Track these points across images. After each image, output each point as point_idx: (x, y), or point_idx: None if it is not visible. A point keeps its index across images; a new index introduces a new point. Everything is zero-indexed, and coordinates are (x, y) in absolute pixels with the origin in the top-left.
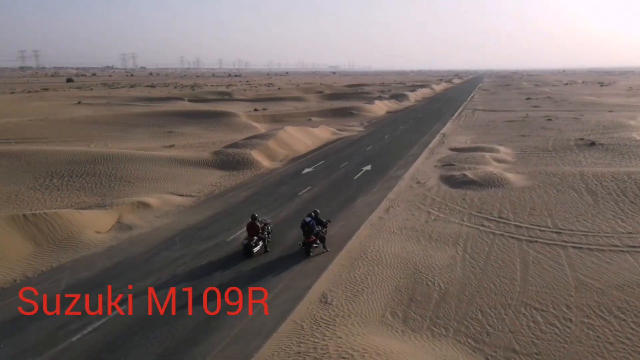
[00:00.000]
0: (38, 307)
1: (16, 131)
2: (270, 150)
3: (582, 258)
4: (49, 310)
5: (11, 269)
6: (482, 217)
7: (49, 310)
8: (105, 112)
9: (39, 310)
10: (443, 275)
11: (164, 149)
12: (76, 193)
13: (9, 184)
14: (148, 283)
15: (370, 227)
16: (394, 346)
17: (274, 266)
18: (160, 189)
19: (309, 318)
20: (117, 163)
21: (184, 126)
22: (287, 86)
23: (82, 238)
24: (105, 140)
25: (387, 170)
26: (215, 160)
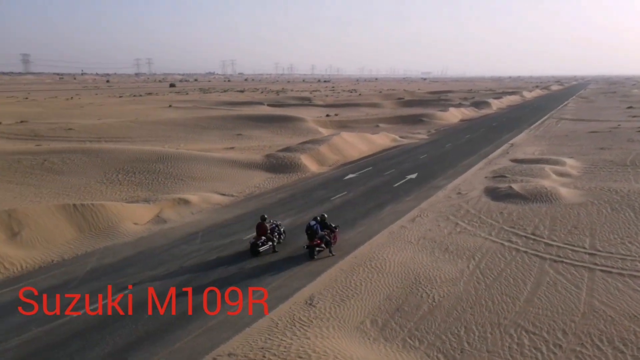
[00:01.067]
0: (57, 287)
1: (108, 131)
2: (320, 155)
3: (607, 283)
4: (67, 289)
5: (53, 250)
6: (512, 233)
7: (67, 289)
8: (187, 115)
9: (58, 288)
10: (442, 289)
11: (222, 151)
12: (133, 188)
13: (82, 177)
14: (155, 273)
15: (387, 236)
16: (358, 352)
17: (276, 266)
18: (206, 187)
19: (287, 317)
20: (175, 162)
21: (253, 129)
22: (369, 92)
23: (120, 228)
24: (179, 141)
25: (432, 179)
26: (265, 162)
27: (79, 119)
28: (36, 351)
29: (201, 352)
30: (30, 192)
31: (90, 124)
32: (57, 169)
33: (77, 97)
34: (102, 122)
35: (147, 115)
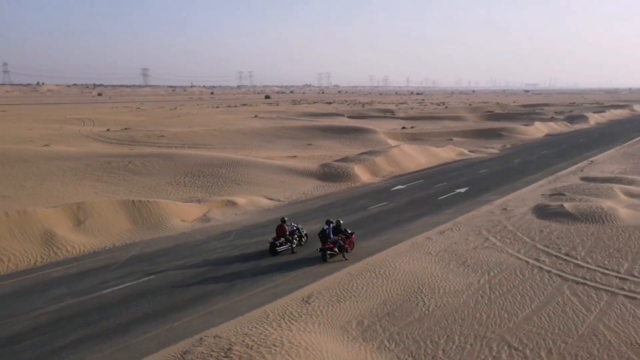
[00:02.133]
0: (99, 268)
1: (193, 138)
2: (375, 165)
3: (624, 309)
4: (107, 271)
5: (109, 238)
6: (544, 252)
7: (107, 271)
8: (267, 125)
9: (100, 270)
10: (441, 299)
11: (285, 159)
12: (194, 189)
13: (155, 178)
14: (181, 263)
15: (409, 246)
16: (331, 347)
17: (288, 265)
18: (258, 192)
19: (279, 310)
20: (237, 168)
21: (323, 140)
22: (458, 105)
23: (167, 223)
24: (251, 149)
25: (483, 194)
26: (319, 171)
27: (173, 127)
28: (64, 317)
29: (192, 332)
30: (110, 189)
31: (180, 131)
32: (137, 170)
33: (180, 108)
34: (190, 130)
35: (232, 124)
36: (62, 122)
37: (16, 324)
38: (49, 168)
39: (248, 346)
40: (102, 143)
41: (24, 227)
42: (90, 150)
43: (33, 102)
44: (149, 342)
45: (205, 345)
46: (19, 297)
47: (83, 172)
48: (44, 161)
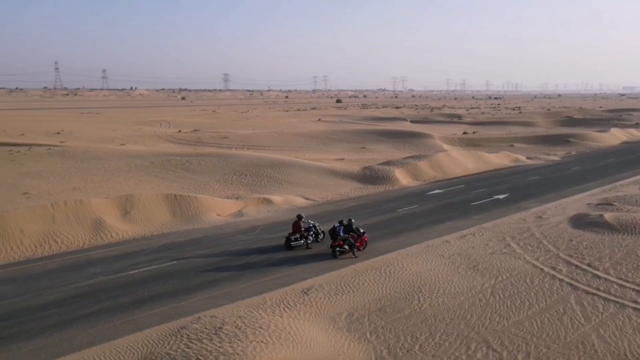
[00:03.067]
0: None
1: (254, 140)
2: (417, 169)
3: (628, 321)
4: (139, 256)
5: (149, 228)
6: (564, 261)
7: (139, 255)
8: (327, 128)
9: (133, 254)
10: (437, 299)
11: (331, 161)
12: (239, 187)
13: (207, 176)
14: (204, 252)
15: (424, 248)
16: (313, 334)
17: (300, 259)
18: (297, 191)
19: (277, 299)
20: (282, 168)
21: (377, 144)
22: (534, 110)
23: (203, 217)
24: (305, 151)
25: (522, 201)
26: (360, 173)
27: (239, 130)
28: (91, 292)
29: (194, 311)
30: (165, 184)
31: (244, 133)
32: (193, 168)
33: (252, 111)
34: (253, 132)
35: (295, 127)
36: (143, 124)
37: (50, 295)
38: (117, 165)
39: (237, 327)
40: (171, 143)
41: (79, 214)
42: (157, 150)
43: (124, 105)
44: (153, 317)
45: (201, 323)
46: (61, 272)
47: (145, 169)
48: (116, 159)
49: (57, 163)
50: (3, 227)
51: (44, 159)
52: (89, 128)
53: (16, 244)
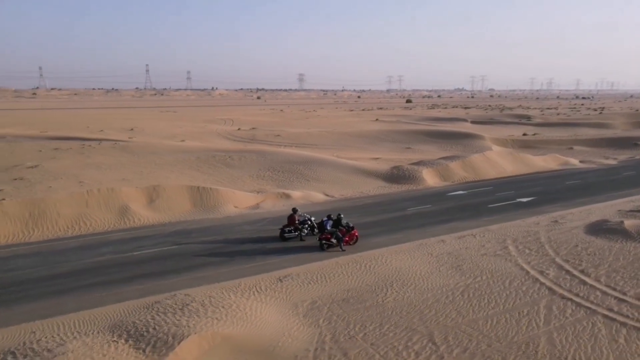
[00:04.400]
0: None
1: (303, 138)
2: (448, 170)
3: (590, 328)
4: (149, 239)
5: (169, 216)
6: (557, 265)
7: (149, 239)
8: (379, 128)
9: (144, 238)
10: (405, 294)
11: (366, 160)
12: (267, 182)
13: (243, 171)
14: (206, 239)
15: (416, 245)
16: (267, 315)
17: (290, 250)
18: (320, 188)
19: (252, 284)
20: (314, 166)
21: (423, 144)
22: (620, 111)
23: (220, 208)
24: (349, 150)
25: (546, 205)
26: (388, 173)
27: (294, 128)
28: (94, 268)
29: (173, 289)
30: (203, 177)
31: (297, 132)
32: (232, 163)
33: (317, 110)
34: (306, 131)
35: (350, 126)
36: (210, 122)
37: (61, 268)
38: (168, 159)
39: (202, 304)
40: (226, 140)
41: (109, 200)
42: (207, 146)
43: (202, 104)
44: (137, 292)
45: (174, 300)
46: (78, 250)
47: (190, 163)
48: (168, 153)
49: (118, 156)
50: (43, 209)
51: (108, 152)
52: (159, 125)
53: (52, 224)
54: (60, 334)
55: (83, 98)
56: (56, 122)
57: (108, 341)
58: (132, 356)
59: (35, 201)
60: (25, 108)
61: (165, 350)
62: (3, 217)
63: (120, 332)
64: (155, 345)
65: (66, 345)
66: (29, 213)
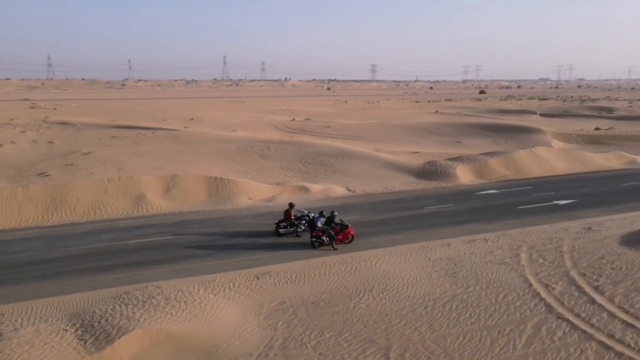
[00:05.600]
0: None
1: (352, 130)
2: (486, 167)
3: (576, 354)
4: (151, 228)
5: (182, 205)
6: (569, 280)
7: (151, 228)
8: (434, 120)
9: (148, 226)
10: (381, 301)
11: (406, 154)
12: (295, 174)
13: (274, 162)
14: (206, 230)
15: (417, 248)
16: (228, 313)
17: (280, 246)
18: (345, 182)
19: (227, 279)
20: (345, 159)
21: (476, 138)
22: None
23: (234, 199)
24: (393, 143)
25: (584, 209)
26: (419, 168)
27: (347, 119)
28: (89, 253)
29: (148, 280)
30: (234, 167)
31: (348, 123)
32: (266, 154)
33: (383, 101)
34: (357, 122)
35: (406, 118)
36: (269, 112)
37: (58, 253)
38: (209, 149)
39: (167, 298)
40: (276, 130)
41: (126, 188)
42: (252, 136)
43: (272, 95)
44: (113, 281)
45: (143, 291)
46: (82, 236)
47: (227, 153)
48: (212, 143)
49: (165, 145)
50: (64, 195)
51: (158, 141)
52: (220, 115)
53: (70, 210)
54: (22, 319)
55: (165, 89)
56: (128, 111)
57: (59, 329)
58: (72, 347)
59: (58, 187)
60: (110, 98)
61: (105, 343)
62: (28, 201)
63: (76, 320)
64: (98, 337)
65: (19, 331)
66: (51, 198)
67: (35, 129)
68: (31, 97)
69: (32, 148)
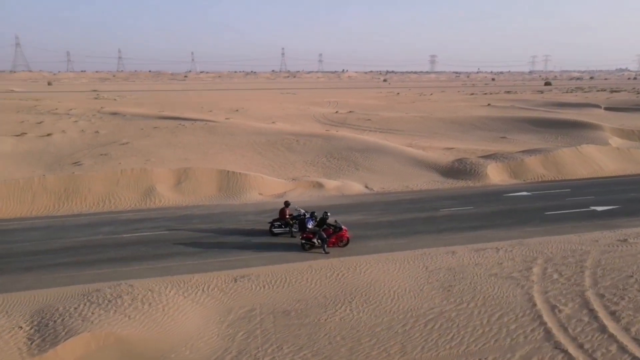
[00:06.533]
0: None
1: (393, 123)
2: (522, 166)
3: None
4: (150, 222)
5: (191, 199)
6: (582, 301)
7: (150, 222)
8: (482, 114)
9: (148, 220)
10: (357, 314)
11: (440, 150)
12: (316, 169)
13: (300, 156)
14: (202, 226)
15: (415, 255)
16: (187, 317)
17: (270, 247)
18: (365, 179)
19: (203, 281)
20: (372, 154)
21: (523, 133)
22: None
23: (243, 194)
24: (432, 137)
25: (628, 217)
26: (448, 166)
27: (390, 112)
28: (82, 246)
29: (126, 278)
30: (258, 160)
31: (389, 116)
32: (294, 147)
33: (437, 93)
34: (399, 115)
35: (452, 111)
36: (315, 104)
37: (51, 245)
38: (239, 141)
39: (133, 298)
40: (316, 123)
41: (138, 180)
42: (286, 129)
43: (325, 87)
44: (91, 277)
45: (113, 289)
46: (82, 228)
47: (256, 146)
48: (245, 135)
49: (200, 136)
50: (77, 185)
51: (195, 132)
52: (266, 107)
53: (81, 200)
54: None
55: (224, 80)
56: (180, 102)
57: (14, 326)
58: (17, 347)
59: (72, 177)
60: (170, 90)
61: (49, 345)
62: (43, 191)
63: (37, 318)
64: (45, 338)
65: None
66: (64, 188)
67: (88, 119)
68: (99, 89)
69: (79, 137)
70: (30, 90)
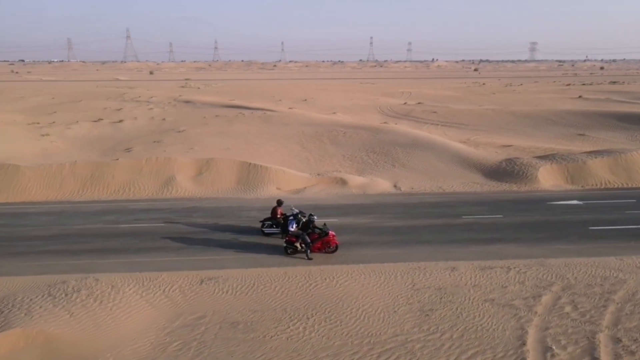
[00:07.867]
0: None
1: (460, 117)
2: (583, 170)
3: None
4: (154, 212)
5: (208, 190)
6: (586, 345)
7: (154, 212)
8: (567, 108)
9: (153, 211)
10: (310, 333)
11: (498, 147)
12: (352, 164)
13: (340, 149)
14: (200, 221)
15: (408, 269)
16: (134, 319)
17: (254, 247)
18: (398, 176)
19: (169, 280)
20: (414, 150)
21: (608, 130)
22: None
23: (260, 188)
24: (500, 133)
25: None
26: (494, 166)
27: (461, 105)
28: (80, 234)
29: (99, 271)
30: (298, 152)
31: (457, 109)
32: (338, 140)
33: (528, 84)
34: (468, 108)
35: (533, 104)
36: (386, 95)
37: (51, 231)
38: (288, 131)
39: (91, 294)
40: (379, 115)
41: (159, 169)
42: (340, 120)
43: (409, 77)
44: (68, 267)
45: (78, 282)
46: (88, 215)
47: (303, 137)
48: (297, 125)
49: (253, 125)
50: (102, 172)
51: (251, 121)
52: (336, 97)
53: (104, 187)
54: None
55: (311, 69)
56: (255, 91)
57: None
58: None
59: (100, 164)
60: (255, 79)
61: None
62: (72, 176)
63: None
64: None
65: None
66: (91, 174)
67: (162, 107)
68: (192, 77)
69: (146, 124)
70: (133, 79)
